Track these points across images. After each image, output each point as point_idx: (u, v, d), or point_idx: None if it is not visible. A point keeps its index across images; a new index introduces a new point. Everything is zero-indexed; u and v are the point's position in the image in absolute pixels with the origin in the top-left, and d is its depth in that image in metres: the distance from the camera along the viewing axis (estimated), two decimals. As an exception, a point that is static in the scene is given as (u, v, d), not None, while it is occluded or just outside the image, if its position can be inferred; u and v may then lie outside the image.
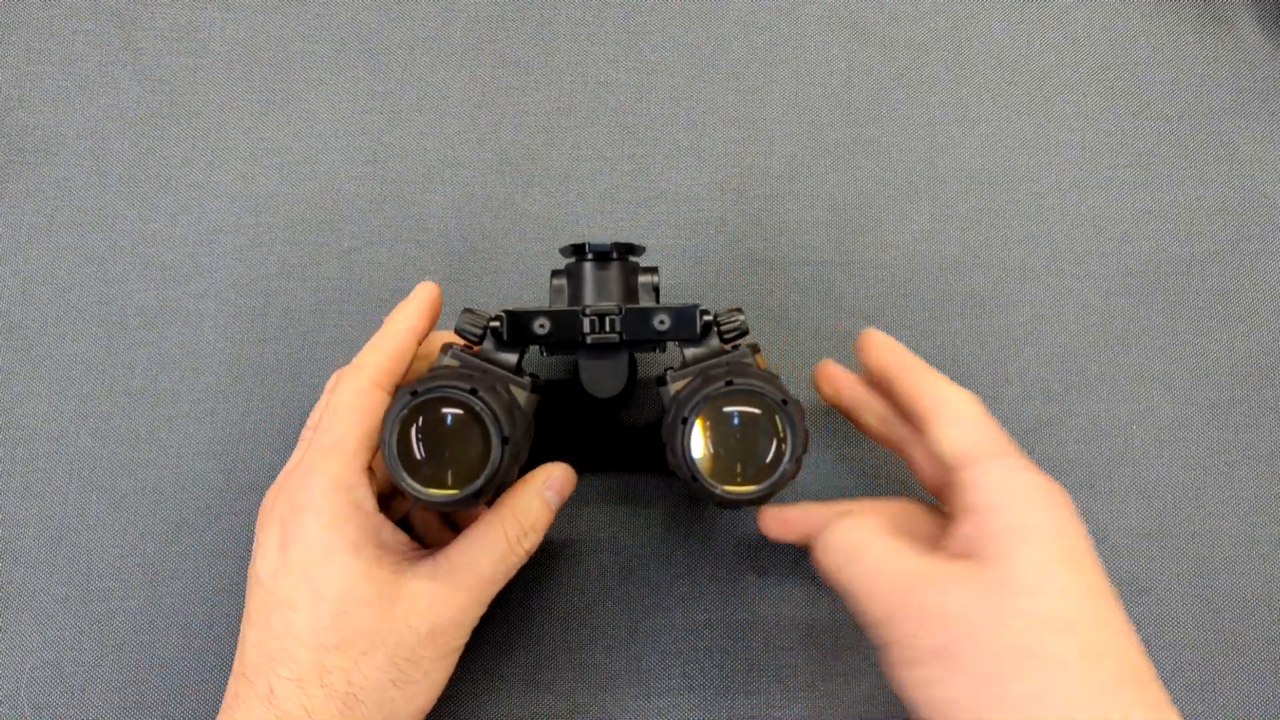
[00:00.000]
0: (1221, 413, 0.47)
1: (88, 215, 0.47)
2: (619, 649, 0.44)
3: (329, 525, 0.35)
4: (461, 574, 0.36)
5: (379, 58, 0.50)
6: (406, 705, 0.35)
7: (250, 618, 0.36)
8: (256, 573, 0.36)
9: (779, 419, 0.35)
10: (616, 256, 0.39)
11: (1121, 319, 0.48)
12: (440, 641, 0.36)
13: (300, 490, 0.36)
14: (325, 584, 0.35)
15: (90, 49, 0.49)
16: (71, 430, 0.45)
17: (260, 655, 0.35)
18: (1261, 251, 0.48)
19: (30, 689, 0.43)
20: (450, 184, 0.48)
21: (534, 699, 0.44)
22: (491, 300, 0.47)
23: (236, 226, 0.47)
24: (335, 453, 0.36)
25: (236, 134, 0.48)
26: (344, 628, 0.34)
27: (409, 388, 0.35)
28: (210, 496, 0.45)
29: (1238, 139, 0.50)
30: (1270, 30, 0.51)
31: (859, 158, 0.49)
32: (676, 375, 0.38)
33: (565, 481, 0.39)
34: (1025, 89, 0.50)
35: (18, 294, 0.46)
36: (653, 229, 0.48)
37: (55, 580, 0.44)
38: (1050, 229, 0.48)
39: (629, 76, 0.50)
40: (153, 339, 0.46)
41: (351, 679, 0.34)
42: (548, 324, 0.38)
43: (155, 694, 0.43)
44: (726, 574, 0.45)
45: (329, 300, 0.47)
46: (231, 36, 0.50)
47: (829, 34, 0.50)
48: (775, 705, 0.44)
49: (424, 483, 0.35)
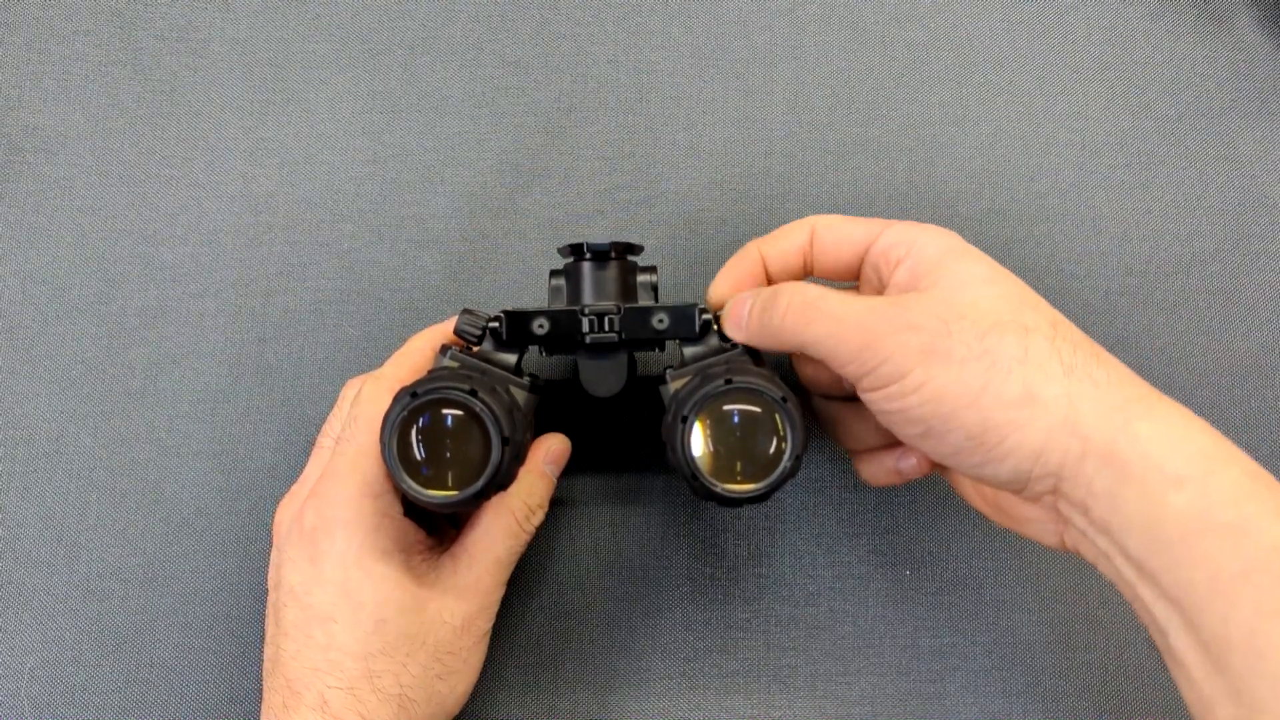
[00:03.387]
0: (1221, 413, 0.47)
1: (88, 215, 0.47)
2: (619, 649, 0.44)
3: (360, 535, 0.36)
4: (481, 562, 0.38)
5: (379, 58, 0.50)
6: (451, 694, 0.38)
7: (286, 631, 0.36)
8: (288, 585, 0.37)
9: (779, 417, 0.35)
10: (615, 256, 0.39)
11: (1121, 319, 0.48)
12: (473, 629, 0.38)
13: (328, 501, 0.37)
14: (363, 594, 0.36)
15: (90, 49, 0.49)
16: (71, 430, 0.45)
17: (303, 667, 0.35)
18: (1261, 251, 0.48)
19: (30, 689, 0.43)
20: (450, 184, 0.48)
21: (534, 699, 0.44)
22: (491, 300, 0.47)
23: (236, 226, 0.48)
24: (362, 461, 0.37)
25: (236, 134, 0.49)
26: (386, 634, 0.36)
27: (409, 389, 0.35)
28: (210, 496, 0.45)
29: (1238, 139, 0.50)
30: (1270, 30, 0.51)
31: (859, 158, 0.49)
32: (676, 374, 0.38)
33: (562, 453, 0.42)
34: (1025, 89, 0.50)
35: (18, 294, 0.46)
36: (653, 229, 0.48)
37: (55, 580, 0.44)
38: (1050, 229, 0.48)
39: (629, 76, 0.50)
40: (153, 339, 0.46)
41: (401, 680, 0.36)
42: (546, 324, 0.38)
43: (155, 694, 0.43)
44: (726, 574, 0.45)
45: (329, 300, 0.47)
46: (231, 36, 0.50)
47: (829, 34, 0.50)
48: (775, 705, 0.44)
49: (424, 484, 0.35)
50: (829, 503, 0.46)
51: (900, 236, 0.36)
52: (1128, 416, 0.30)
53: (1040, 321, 0.33)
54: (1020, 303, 0.33)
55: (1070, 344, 0.32)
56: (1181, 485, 0.29)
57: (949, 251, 0.35)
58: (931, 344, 0.32)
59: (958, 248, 0.35)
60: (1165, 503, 0.29)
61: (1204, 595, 0.29)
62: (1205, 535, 0.28)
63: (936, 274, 0.34)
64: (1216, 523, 0.28)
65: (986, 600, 0.45)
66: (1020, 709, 0.44)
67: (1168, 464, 0.29)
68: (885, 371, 0.33)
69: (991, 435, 0.31)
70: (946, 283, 0.34)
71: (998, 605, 0.45)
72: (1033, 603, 0.45)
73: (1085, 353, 0.32)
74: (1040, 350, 0.32)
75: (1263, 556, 0.28)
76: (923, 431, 0.33)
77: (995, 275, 0.34)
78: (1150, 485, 0.29)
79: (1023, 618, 0.45)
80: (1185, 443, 0.30)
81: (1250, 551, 0.28)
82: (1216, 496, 0.29)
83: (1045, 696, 0.44)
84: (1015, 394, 0.31)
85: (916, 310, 0.33)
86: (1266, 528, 0.28)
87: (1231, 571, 0.28)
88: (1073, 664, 0.44)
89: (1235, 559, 0.28)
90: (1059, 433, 0.31)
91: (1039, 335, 0.32)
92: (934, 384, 0.32)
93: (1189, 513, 0.29)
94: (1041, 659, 0.44)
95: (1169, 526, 0.29)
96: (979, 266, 0.34)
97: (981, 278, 0.34)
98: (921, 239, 0.35)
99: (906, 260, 0.35)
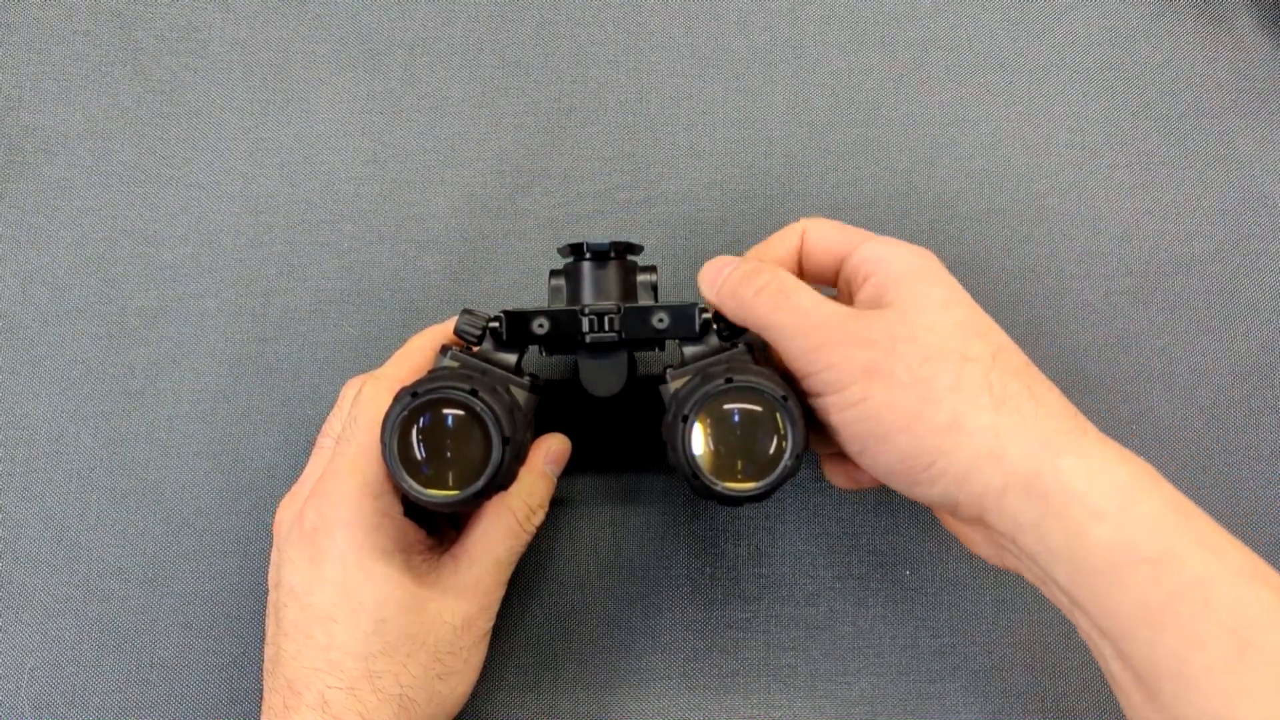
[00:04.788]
0: (1221, 413, 0.47)
1: (88, 215, 0.47)
2: (619, 649, 0.44)
3: (361, 536, 0.36)
4: (481, 563, 0.38)
5: (379, 58, 0.50)
6: (451, 694, 0.38)
7: (286, 631, 0.36)
8: (288, 585, 0.37)
9: (779, 416, 0.35)
10: (615, 256, 0.39)
11: (1121, 319, 0.48)
12: (473, 629, 0.38)
13: (328, 501, 0.37)
14: (363, 595, 0.36)
15: (90, 49, 0.49)
16: (71, 430, 0.45)
17: (303, 667, 0.35)
18: (1261, 251, 0.48)
19: (30, 689, 0.43)
20: (450, 184, 0.48)
21: (534, 699, 0.44)
22: (491, 300, 0.47)
23: (236, 226, 0.48)
24: (362, 461, 0.37)
25: (236, 134, 0.49)
26: (387, 634, 0.36)
27: (409, 389, 0.35)
28: (210, 496, 0.45)
29: (1238, 139, 0.50)
30: (1270, 30, 0.51)
31: (859, 158, 0.49)
32: (676, 374, 0.38)
33: (563, 453, 0.42)
34: (1025, 89, 0.50)
35: (18, 294, 0.46)
36: (653, 229, 0.48)
37: (55, 580, 0.44)
38: (1050, 229, 0.48)
39: (629, 76, 0.50)
40: (153, 339, 0.46)
41: (401, 680, 0.36)
42: (546, 324, 0.38)
43: (155, 694, 0.43)
44: (726, 574, 0.45)
45: (329, 300, 0.47)
46: (231, 36, 0.50)
47: (829, 34, 0.50)
48: (775, 705, 0.44)
49: (425, 484, 0.35)
50: (829, 503, 0.46)
51: (871, 253, 0.36)
52: (1053, 450, 0.31)
53: (982, 351, 0.33)
54: (969, 330, 0.34)
55: (1007, 375, 0.33)
56: (1102, 518, 0.30)
57: (912, 272, 0.35)
58: (875, 361, 0.33)
59: (922, 269, 0.35)
60: (1087, 535, 0.30)
61: (1130, 625, 0.29)
62: (1127, 567, 0.29)
63: (896, 293, 0.35)
64: (1138, 555, 0.29)
65: (986, 600, 0.45)
66: (1020, 709, 0.44)
67: (1089, 497, 0.30)
68: (827, 378, 0.34)
69: (921, 459, 0.32)
70: (904, 303, 0.34)
71: (998, 605, 0.45)
72: (1033, 603, 0.45)
73: (1020, 384, 0.33)
74: (973, 380, 0.32)
75: (1184, 587, 0.28)
76: (860, 449, 0.34)
77: (952, 300, 0.35)
78: (1072, 518, 0.30)
79: (1023, 618, 0.45)
80: (1105, 476, 0.31)
81: (1172, 582, 0.29)
82: (1137, 528, 0.29)
83: (1045, 696, 0.44)
84: (943, 421, 0.32)
85: (870, 327, 0.34)
86: (1188, 558, 0.29)
87: (1155, 602, 0.29)
88: (1072, 664, 0.44)
89: (1158, 590, 0.29)
90: (983, 463, 0.31)
91: (976, 365, 0.33)
92: (871, 402, 0.33)
93: (1110, 545, 0.29)
94: (1041, 659, 0.44)
95: (1093, 559, 0.30)
96: (938, 290, 0.35)
97: (939, 301, 0.34)
98: (890, 258, 0.36)
99: (873, 278, 0.36)
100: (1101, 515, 0.30)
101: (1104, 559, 0.29)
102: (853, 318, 0.34)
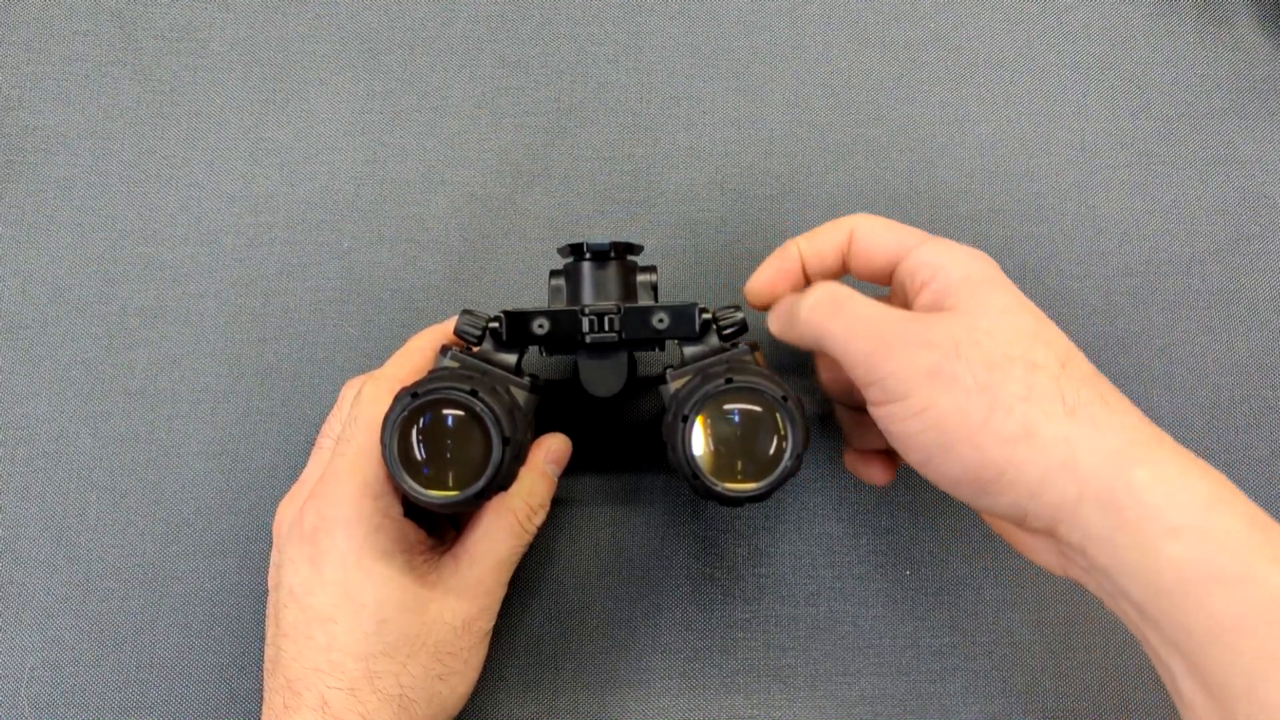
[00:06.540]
0: (1221, 413, 0.47)
1: (88, 215, 0.47)
2: (619, 649, 0.44)
3: (361, 536, 0.36)
4: (482, 563, 0.38)
5: (379, 58, 0.50)
6: (452, 694, 0.38)
7: (286, 632, 0.36)
8: (288, 586, 0.37)
9: (779, 416, 0.35)
10: (615, 256, 0.39)
11: (1121, 319, 0.48)
12: (474, 630, 0.38)
13: (328, 502, 0.37)
14: (363, 595, 0.36)
15: (90, 49, 0.49)
16: (71, 430, 0.45)
17: (303, 668, 0.35)
18: (1261, 251, 0.48)
19: (30, 689, 0.43)
20: (450, 184, 0.48)
21: (534, 699, 0.44)
22: (491, 300, 0.47)
23: (236, 226, 0.48)
24: (362, 461, 0.37)
25: (236, 134, 0.49)
26: (387, 635, 0.36)
27: (409, 389, 0.35)
28: (210, 496, 0.45)
29: (1238, 139, 0.50)
30: (1270, 30, 0.51)
31: (859, 158, 0.49)
32: (676, 374, 0.38)
33: (563, 452, 0.42)
34: (1025, 89, 0.50)
35: (18, 294, 0.46)
36: (653, 229, 0.48)
37: (55, 580, 0.44)
38: (1050, 229, 0.48)
39: (629, 76, 0.50)
40: (153, 339, 0.46)
41: (402, 681, 0.36)
42: (546, 324, 0.38)
43: (155, 694, 0.43)
44: (726, 574, 0.45)
45: (329, 300, 0.47)
46: (231, 36, 0.50)
47: (829, 34, 0.50)
48: (775, 705, 0.44)
49: (425, 484, 0.35)
50: (829, 503, 0.46)
51: (928, 258, 0.35)
52: (1127, 461, 0.30)
53: (1050, 359, 0.32)
54: (1034, 337, 0.33)
55: (1077, 382, 0.32)
56: (1178, 534, 0.29)
57: (972, 278, 0.34)
58: (939, 365, 0.32)
59: (983, 274, 0.35)
60: (1162, 551, 0.29)
61: (1205, 643, 0.28)
62: (1203, 584, 0.28)
63: (956, 298, 0.34)
64: (1214, 572, 0.28)
65: (986, 600, 0.45)
66: (1020, 709, 0.44)
67: (1164, 512, 0.29)
68: (890, 385, 0.32)
69: (989, 470, 0.31)
70: (966, 307, 0.33)
71: (998, 605, 0.45)
72: (1032, 602, 0.45)
73: (1091, 392, 0.32)
74: (1044, 388, 0.31)
75: (1262, 605, 0.28)
76: (924, 459, 0.33)
77: (1015, 306, 0.34)
78: (1147, 533, 0.29)
79: (1023, 617, 0.45)
80: (1182, 490, 0.30)
81: (1249, 600, 0.28)
82: (1214, 545, 0.29)
83: (1045, 696, 0.44)
84: (1014, 431, 0.31)
85: (932, 329, 0.33)
86: (1265, 576, 0.28)
87: (1231, 620, 0.28)
88: (1072, 664, 0.44)
89: (1234, 607, 0.28)
90: (1056, 474, 0.31)
91: (1045, 373, 0.32)
92: (936, 410, 0.32)
93: (1186, 562, 0.29)
94: (1041, 659, 0.44)
95: (1166, 575, 0.29)
96: (1000, 295, 0.34)
97: (1000, 307, 0.33)
98: (948, 264, 0.35)
99: (931, 284, 0.35)
100: (1177, 531, 0.29)
101: (1178, 575, 0.29)
102: (912, 320, 0.33)
